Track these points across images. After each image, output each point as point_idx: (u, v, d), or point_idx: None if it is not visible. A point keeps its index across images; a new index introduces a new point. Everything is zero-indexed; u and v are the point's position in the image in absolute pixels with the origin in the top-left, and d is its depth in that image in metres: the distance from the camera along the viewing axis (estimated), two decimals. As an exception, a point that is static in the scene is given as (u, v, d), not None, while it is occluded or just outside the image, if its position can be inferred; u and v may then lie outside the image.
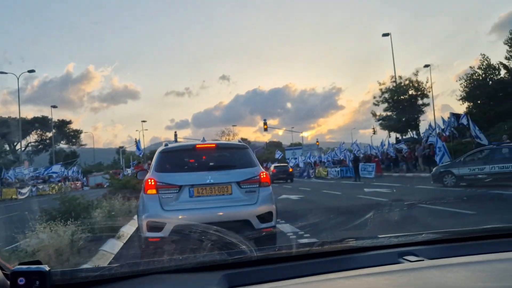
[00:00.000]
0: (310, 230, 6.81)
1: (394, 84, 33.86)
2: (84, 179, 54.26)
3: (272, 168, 32.47)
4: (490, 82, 31.37)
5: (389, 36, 36.54)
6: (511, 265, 1.30)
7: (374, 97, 35.19)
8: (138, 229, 5.92)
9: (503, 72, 31.42)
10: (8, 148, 57.44)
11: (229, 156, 5.91)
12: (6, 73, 40.65)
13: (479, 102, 31.88)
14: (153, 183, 5.12)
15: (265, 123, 44.75)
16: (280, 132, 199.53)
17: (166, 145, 5.84)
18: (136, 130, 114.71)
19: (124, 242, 7.13)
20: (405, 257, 1.38)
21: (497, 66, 31.54)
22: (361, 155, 31.46)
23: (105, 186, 34.03)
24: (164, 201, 5.04)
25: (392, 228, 6.15)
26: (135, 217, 7.31)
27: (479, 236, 1.61)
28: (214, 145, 5.84)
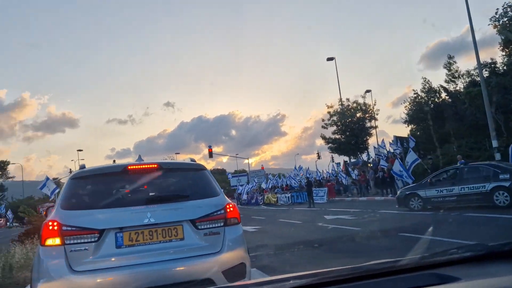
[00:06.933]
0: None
1: (341, 107, 33.61)
2: (11, 215, 48.81)
3: None
4: (432, 105, 32.02)
5: (334, 60, 36.63)
6: None
7: (323, 120, 34.58)
8: None
9: (443, 95, 32.25)
10: None
11: (178, 182, 3.94)
12: None
13: (421, 124, 32.42)
14: (56, 228, 3.17)
15: (210, 148, 42.93)
16: (225, 159, 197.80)
17: (82, 167, 3.87)
18: (72, 160, 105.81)
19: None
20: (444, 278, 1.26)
21: (437, 89, 32.38)
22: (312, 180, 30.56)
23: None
24: (74, 256, 3.11)
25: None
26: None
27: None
28: (155, 165, 3.77)
